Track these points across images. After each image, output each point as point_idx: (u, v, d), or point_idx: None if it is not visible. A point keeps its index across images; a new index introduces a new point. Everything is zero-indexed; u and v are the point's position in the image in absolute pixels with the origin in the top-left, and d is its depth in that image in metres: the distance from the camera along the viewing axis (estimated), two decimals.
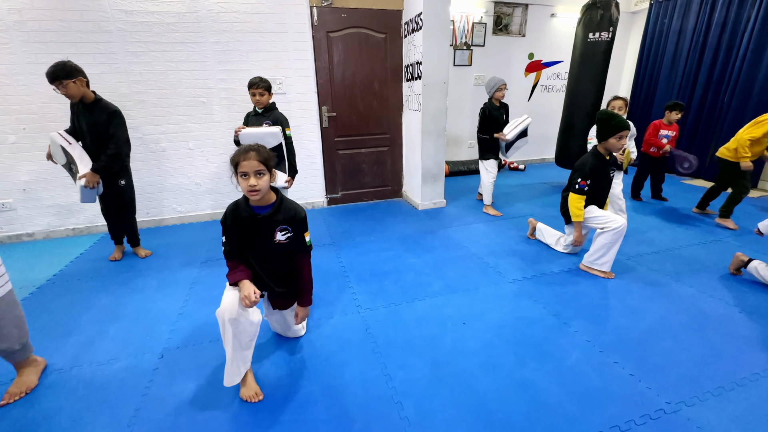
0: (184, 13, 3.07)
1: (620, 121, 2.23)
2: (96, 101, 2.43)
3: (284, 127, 2.57)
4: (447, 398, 1.47)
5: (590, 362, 1.66)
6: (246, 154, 1.37)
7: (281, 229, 1.50)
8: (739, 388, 1.50)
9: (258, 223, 1.48)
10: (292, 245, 1.55)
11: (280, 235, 1.51)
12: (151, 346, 1.82)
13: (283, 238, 1.51)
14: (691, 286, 2.25)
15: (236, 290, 1.46)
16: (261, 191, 1.40)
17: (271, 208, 1.48)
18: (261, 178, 1.39)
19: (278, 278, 1.61)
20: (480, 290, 2.27)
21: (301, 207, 1.57)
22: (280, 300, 1.67)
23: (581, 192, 2.37)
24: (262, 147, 1.42)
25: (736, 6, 4.25)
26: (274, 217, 1.48)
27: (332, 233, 3.23)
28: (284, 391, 1.54)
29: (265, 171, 1.40)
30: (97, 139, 2.44)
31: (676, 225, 3.24)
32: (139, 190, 3.36)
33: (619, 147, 2.30)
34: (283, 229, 1.51)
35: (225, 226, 1.50)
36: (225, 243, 1.51)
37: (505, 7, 5.07)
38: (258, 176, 1.38)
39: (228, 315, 1.39)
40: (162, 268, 2.64)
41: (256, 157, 1.37)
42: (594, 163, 2.35)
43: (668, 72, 5.08)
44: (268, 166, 1.41)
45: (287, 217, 1.51)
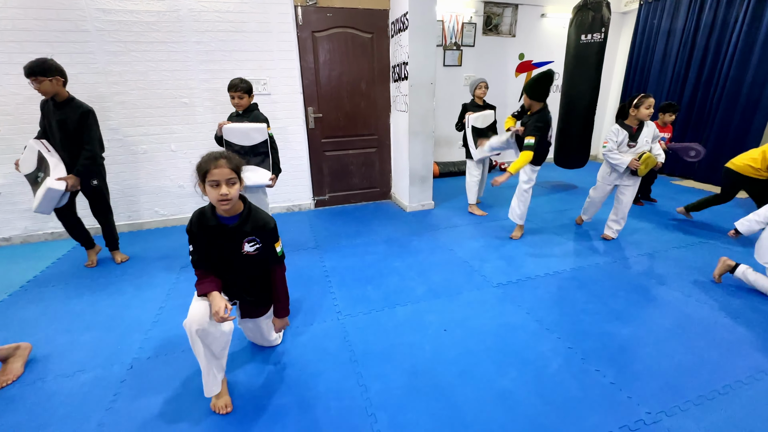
0: (164, 12, 3.00)
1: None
2: (69, 100, 2.37)
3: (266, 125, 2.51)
4: (422, 410, 1.43)
5: (571, 370, 1.62)
6: (216, 162, 1.29)
7: (249, 240, 1.44)
8: (721, 397, 1.47)
9: (225, 234, 1.41)
10: (261, 256, 1.49)
11: (249, 246, 1.44)
12: (121, 356, 1.76)
13: (251, 249, 1.45)
14: (677, 290, 2.23)
15: (205, 300, 1.40)
16: (232, 200, 1.33)
17: (238, 219, 1.41)
18: (232, 186, 1.32)
19: (249, 288, 1.56)
20: (463, 295, 2.23)
21: (270, 217, 1.51)
22: (252, 308, 1.62)
23: None
24: (232, 154, 1.34)
25: (724, 7, 4.24)
26: (242, 228, 1.42)
27: (317, 236, 3.18)
28: (256, 402, 1.48)
29: (236, 179, 1.33)
30: (66, 137, 2.37)
31: (664, 227, 3.22)
32: (119, 192, 3.31)
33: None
34: (252, 240, 1.44)
35: (191, 234, 1.43)
36: (192, 252, 1.44)
37: (495, 7, 5.04)
38: (230, 185, 1.31)
39: (196, 326, 1.33)
40: (140, 273, 2.58)
41: (227, 165, 1.29)
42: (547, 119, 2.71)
43: (658, 72, 5.08)
44: (239, 173, 1.34)
45: (256, 228, 1.44)
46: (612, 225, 2.92)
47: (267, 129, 2.50)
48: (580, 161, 4.39)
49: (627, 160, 2.60)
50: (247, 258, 1.46)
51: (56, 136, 2.38)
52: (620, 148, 2.67)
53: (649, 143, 2.62)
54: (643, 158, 2.54)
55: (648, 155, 2.53)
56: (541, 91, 2.60)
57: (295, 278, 2.46)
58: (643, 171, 2.57)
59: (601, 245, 2.85)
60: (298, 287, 2.35)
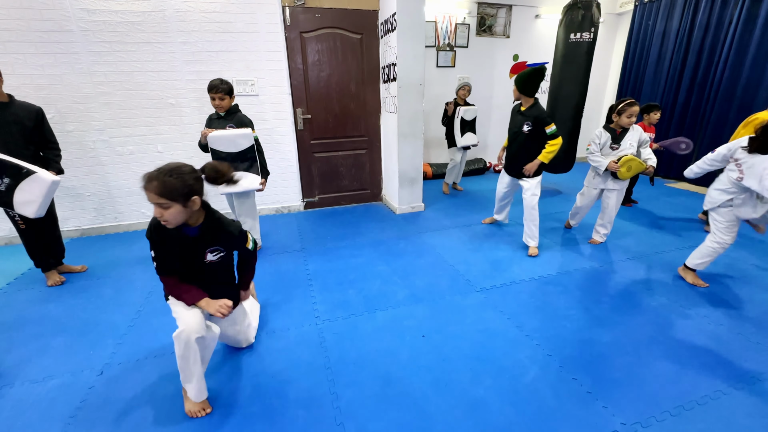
0: (150, 12, 2.98)
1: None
2: (10, 101, 2.17)
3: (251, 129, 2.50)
4: (392, 420, 1.40)
5: (548, 379, 1.58)
6: (146, 184, 1.22)
7: (212, 250, 1.43)
8: (699, 408, 1.43)
9: (186, 244, 1.39)
10: (225, 262, 1.49)
11: (211, 255, 1.43)
12: (92, 361, 1.73)
13: (214, 258, 1.44)
14: (662, 296, 2.19)
15: (193, 308, 1.41)
16: (170, 222, 1.27)
17: (199, 230, 1.38)
18: (166, 210, 1.24)
19: (214, 290, 1.52)
20: (445, 300, 2.20)
21: (236, 224, 1.49)
22: None
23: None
24: (166, 177, 1.23)
25: (719, 8, 4.20)
26: (204, 239, 1.40)
27: (304, 239, 3.15)
28: (222, 411, 1.45)
29: (169, 203, 1.23)
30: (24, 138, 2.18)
31: (655, 230, 3.19)
32: (105, 194, 3.29)
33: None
34: (215, 250, 1.44)
35: (151, 240, 1.39)
36: (154, 258, 1.41)
37: (489, 8, 5.01)
38: (163, 209, 1.24)
39: (196, 335, 1.34)
40: (120, 276, 2.55)
41: (155, 190, 1.21)
42: None
43: (653, 74, 5.04)
44: (174, 197, 1.23)
45: (219, 238, 1.43)
46: (599, 229, 2.88)
47: (252, 133, 2.48)
48: (566, 165, 4.30)
49: (606, 162, 2.58)
50: (209, 265, 1.45)
51: (14, 138, 2.15)
52: (603, 150, 2.66)
53: (633, 146, 2.58)
54: (622, 161, 2.51)
55: (629, 158, 2.49)
56: (531, 86, 2.54)
57: (277, 282, 2.43)
58: (624, 174, 2.53)
59: (588, 249, 2.82)
60: (278, 291, 2.32)
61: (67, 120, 3.02)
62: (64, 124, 3.00)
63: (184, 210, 1.28)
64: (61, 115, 2.99)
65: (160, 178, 1.22)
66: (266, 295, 2.28)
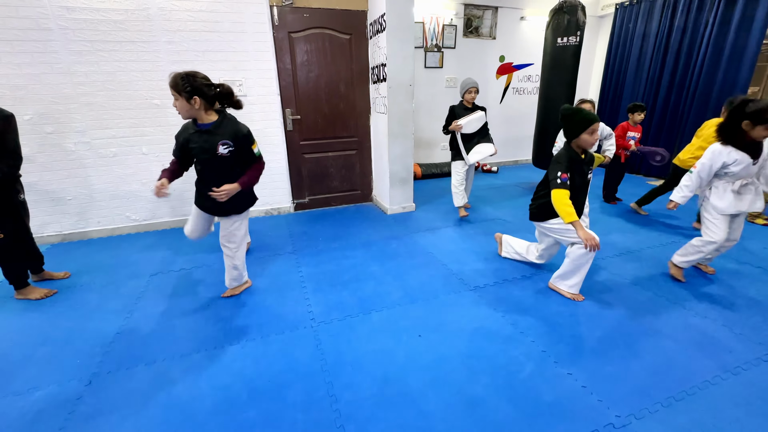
0: (133, 10, 2.90)
1: (587, 114, 1.97)
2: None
3: None
4: (391, 421, 1.40)
5: (543, 375, 1.61)
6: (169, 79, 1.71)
7: (223, 143, 1.80)
8: (689, 398, 1.48)
9: (201, 137, 1.80)
10: (234, 158, 1.86)
11: (222, 148, 1.81)
12: (79, 371, 1.67)
13: (225, 151, 1.81)
14: (649, 290, 2.25)
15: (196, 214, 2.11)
16: (180, 113, 1.76)
17: (211, 125, 1.80)
18: (176, 101, 1.71)
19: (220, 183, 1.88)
20: (440, 299, 2.21)
21: (244, 125, 1.89)
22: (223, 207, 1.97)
23: (564, 186, 1.97)
24: (178, 75, 1.68)
25: (695, 11, 4.36)
26: (216, 132, 1.79)
27: (295, 241, 3.12)
28: (220, 417, 1.42)
29: (176, 95, 1.70)
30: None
31: (639, 226, 3.28)
32: (88, 197, 3.19)
33: (593, 142, 2.01)
34: (225, 144, 1.80)
35: (177, 138, 1.91)
36: (175, 148, 1.95)
37: (475, 9, 5.07)
38: (175, 99, 1.71)
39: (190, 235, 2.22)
40: (106, 281, 2.47)
41: (169, 82, 1.70)
42: (571, 156, 2.04)
43: (634, 75, 5.18)
44: (177, 90, 1.68)
45: (228, 132, 1.81)
46: (584, 219, 2.94)
47: None
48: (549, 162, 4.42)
49: None
50: (221, 159, 1.83)
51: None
52: None
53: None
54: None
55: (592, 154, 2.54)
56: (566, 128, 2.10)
57: (270, 284, 2.40)
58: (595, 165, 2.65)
59: None
60: (272, 294, 2.29)
61: (45, 121, 2.91)
62: (42, 126, 2.90)
63: (188, 106, 1.72)
64: (40, 117, 2.88)
65: (175, 75, 1.69)
66: (259, 297, 2.25)
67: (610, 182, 3.96)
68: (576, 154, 2.07)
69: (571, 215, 1.93)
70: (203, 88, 1.73)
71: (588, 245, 1.89)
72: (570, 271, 2.12)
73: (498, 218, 3.55)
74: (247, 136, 1.88)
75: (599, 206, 3.87)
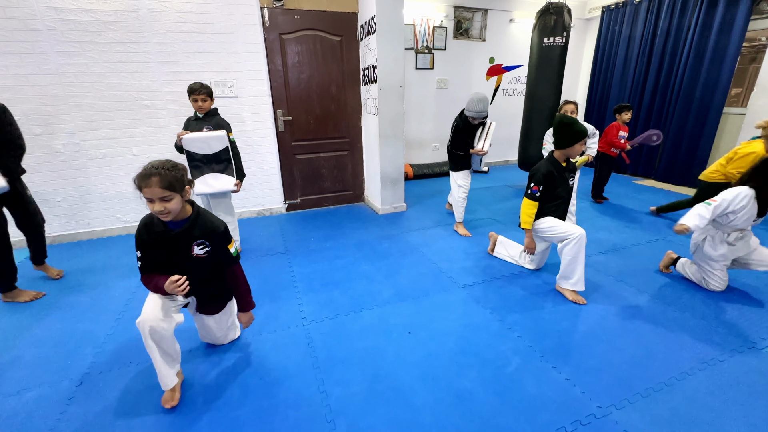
0: (122, 11, 2.90)
1: (581, 128, 2.09)
2: None
3: (227, 132, 2.49)
4: (382, 415, 1.43)
5: (529, 368, 1.66)
6: (147, 181, 1.28)
7: (198, 243, 1.47)
8: (667, 389, 1.53)
9: (173, 239, 1.43)
10: (212, 259, 1.52)
11: (198, 249, 1.48)
12: (71, 372, 1.68)
13: (201, 252, 1.48)
14: (632, 286, 2.32)
15: (157, 298, 1.44)
16: (172, 213, 1.35)
17: (185, 223, 1.43)
18: (169, 202, 1.32)
19: (203, 287, 1.59)
20: (430, 297, 2.25)
21: (220, 220, 1.53)
22: (209, 305, 1.67)
23: (533, 198, 2.19)
24: (165, 171, 1.31)
25: (678, 15, 4.47)
26: (190, 233, 1.44)
27: (287, 241, 3.14)
28: (212, 414, 1.44)
29: (171, 195, 1.32)
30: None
31: (625, 225, 3.36)
32: (77, 199, 3.17)
33: (580, 151, 2.16)
34: (201, 244, 1.48)
35: (140, 240, 1.43)
36: (140, 258, 1.43)
37: (465, 11, 5.13)
38: (164, 201, 1.32)
39: (149, 324, 1.37)
40: (97, 283, 2.47)
41: (158, 184, 1.28)
42: (549, 169, 2.17)
43: (620, 76, 5.29)
44: (175, 188, 1.33)
45: (204, 232, 1.47)
46: (570, 218, 3.03)
47: (228, 135, 2.49)
48: None
49: None
50: (197, 260, 1.50)
51: None
52: None
53: None
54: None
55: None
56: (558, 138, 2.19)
57: (262, 285, 2.42)
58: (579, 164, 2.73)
59: None
60: (264, 294, 2.31)
61: (34, 122, 2.89)
62: (30, 127, 2.87)
63: (181, 201, 1.37)
64: (28, 118, 2.86)
65: (161, 173, 1.30)
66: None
67: (599, 182, 4.04)
68: (558, 164, 2.19)
69: (527, 223, 2.24)
70: (184, 173, 1.39)
71: (526, 249, 2.30)
72: (567, 266, 2.17)
73: (488, 218, 3.60)
74: (225, 234, 1.51)
75: (588, 205, 3.95)
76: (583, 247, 2.12)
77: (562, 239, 2.16)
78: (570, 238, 2.11)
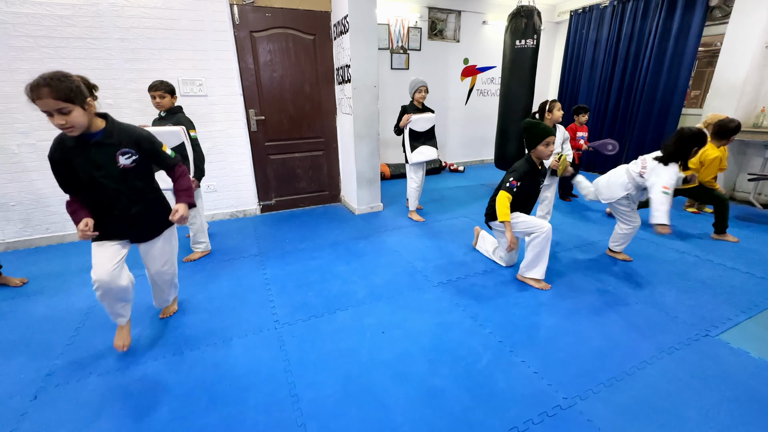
0: (81, 5, 2.76)
1: (544, 128, 2.21)
2: None
3: (188, 129, 2.42)
4: (354, 417, 1.42)
5: (499, 363, 1.69)
6: (37, 92, 1.17)
7: (123, 152, 1.39)
8: (628, 378, 1.60)
9: (90, 151, 1.34)
10: (140, 169, 1.46)
11: (124, 159, 1.39)
12: (23, 386, 1.58)
13: (127, 162, 1.40)
14: (598, 281, 2.41)
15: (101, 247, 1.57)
16: (76, 127, 1.26)
17: (102, 134, 1.35)
18: (68, 114, 1.22)
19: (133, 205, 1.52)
20: (404, 296, 2.26)
21: (142, 129, 1.50)
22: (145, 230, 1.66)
23: (510, 191, 2.24)
24: (55, 81, 1.19)
25: (640, 20, 4.68)
26: (109, 141, 1.36)
27: (260, 243, 3.08)
28: (178, 424, 1.39)
29: (69, 107, 1.22)
30: None
31: (591, 222, 3.48)
32: (35, 203, 3.01)
33: (548, 153, 2.25)
34: (126, 153, 1.40)
35: (53, 161, 1.37)
36: (59, 181, 1.40)
37: (439, 12, 5.19)
38: (63, 113, 1.21)
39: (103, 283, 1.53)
40: (55, 291, 2.34)
41: (50, 95, 1.17)
42: (527, 169, 2.28)
43: (588, 78, 5.49)
44: (72, 99, 1.21)
45: (127, 139, 1.40)
46: (545, 217, 3.15)
47: (187, 132, 2.41)
48: None
49: (550, 161, 2.79)
50: (124, 172, 1.41)
51: None
52: None
53: (560, 145, 2.92)
54: (562, 159, 2.74)
55: (564, 156, 2.73)
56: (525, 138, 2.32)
57: (233, 288, 2.36)
58: (561, 171, 2.77)
59: None
60: (235, 297, 2.25)
61: None
62: None
63: (85, 114, 1.27)
64: None
65: (51, 84, 1.18)
66: (221, 302, 2.21)
67: (564, 181, 4.17)
68: (534, 165, 2.30)
69: (506, 215, 2.21)
70: (83, 84, 1.29)
71: (509, 246, 2.23)
72: (533, 259, 2.28)
73: (463, 216, 3.65)
74: (150, 139, 1.47)
75: (555, 203, 4.07)
76: (549, 241, 2.23)
77: (531, 233, 2.27)
78: (538, 232, 2.23)
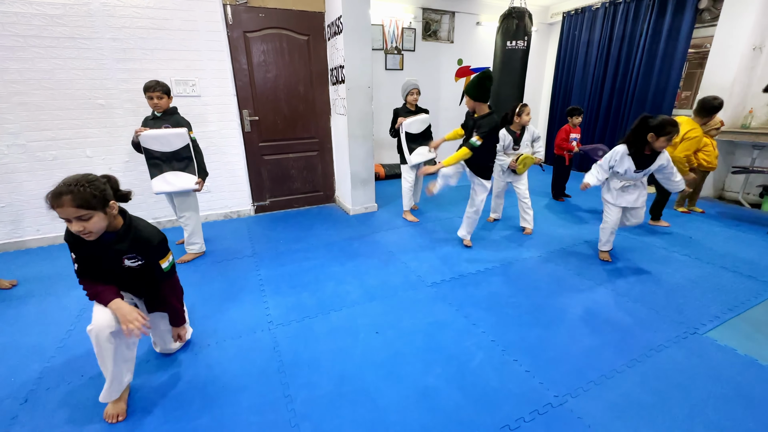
0: (72, 5, 2.73)
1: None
2: None
3: (188, 130, 2.42)
4: (347, 417, 1.43)
5: (492, 362, 1.71)
6: (58, 200, 1.16)
7: (129, 257, 1.40)
8: (618, 375, 1.62)
9: (102, 248, 1.34)
10: (145, 270, 1.45)
11: (129, 261, 1.41)
12: (14, 389, 1.57)
13: (132, 264, 1.42)
14: (589, 279, 2.44)
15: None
16: (94, 232, 1.24)
17: (115, 236, 1.35)
18: (88, 221, 1.21)
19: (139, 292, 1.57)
20: (398, 296, 2.27)
21: (157, 231, 1.46)
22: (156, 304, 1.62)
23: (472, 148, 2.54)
24: (77, 188, 1.18)
25: (631, 21, 4.73)
26: (118, 246, 1.36)
27: (255, 244, 3.07)
28: (170, 426, 1.39)
29: (90, 214, 1.20)
30: None
31: (583, 222, 3.52)
32: (24, 204, 2.97)
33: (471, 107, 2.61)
34: (132, 258, 1.41)
35: (69, 243, 1.35)
36: (75, 260, 1.37)
37: (433, 13, 5.20)
38: (83, 220, 1.20)
39: (108, 330, 1.31)
40: (46, 293, 2.32)
41: (71, 203, 1.16)
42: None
43: (581, 79, 5.54)
44: (93, 206, 1.20)
45: (135, 245, 1.40)
46: (525, 217, 3.21)
47: (189, 133, 2.41)
48: None
49: (508, 161, 3.00)
50: (129, 270, 1.43)
51: None
52: (506, 150, 3.07)
53: (528, 145, 3.06)
54: (520, 159, 2.88)
55: (524, 156, 2.83)
56: (482, 90, 2.48)
57: (227, 289, 2.36)
58: (521, 170, 2.82)
59: (526, 241, 3.05)
60: (228, 298, 2.25)
61: None
62: None
63: (105, 217, 1.27)
64: None
65: (73, 191, 1.17)
66: (215, 303, 2.20)
67: (557, 181, 4.21)
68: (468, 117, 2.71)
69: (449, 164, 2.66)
70: (107, 186, 1.28)
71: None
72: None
73: (457, 217, 3.67)
74: (159, 247, 1.44)
75: (548, 203, 4.11)
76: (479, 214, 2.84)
77: None
78: None
